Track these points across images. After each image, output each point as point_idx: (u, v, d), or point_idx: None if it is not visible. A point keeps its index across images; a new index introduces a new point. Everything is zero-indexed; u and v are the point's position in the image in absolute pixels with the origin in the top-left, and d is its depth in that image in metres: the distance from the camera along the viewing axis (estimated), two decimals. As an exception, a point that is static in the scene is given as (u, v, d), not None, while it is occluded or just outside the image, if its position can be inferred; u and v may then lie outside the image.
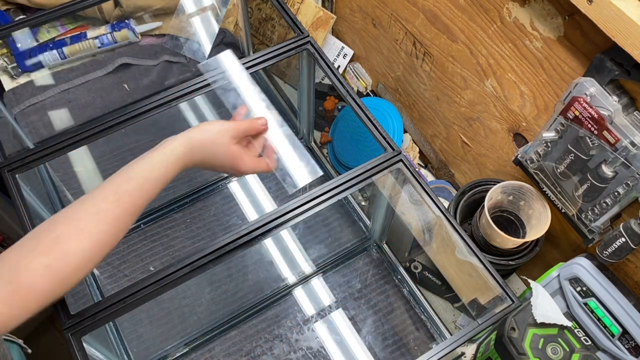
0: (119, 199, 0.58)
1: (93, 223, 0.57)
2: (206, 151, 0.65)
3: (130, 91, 1.22)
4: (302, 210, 0.74)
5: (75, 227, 0.56)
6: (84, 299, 1.02)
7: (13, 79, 1.23)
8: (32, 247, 0.55)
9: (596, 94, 0.68)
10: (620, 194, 0.70)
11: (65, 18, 1.27)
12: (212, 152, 0.66)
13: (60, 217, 0.58)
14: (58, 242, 0.55)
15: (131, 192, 0.59)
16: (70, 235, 0.56)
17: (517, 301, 0.70)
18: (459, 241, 0.75)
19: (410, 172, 0.79)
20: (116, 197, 0.58)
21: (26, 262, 0.54)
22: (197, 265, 0.70)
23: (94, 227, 0.57)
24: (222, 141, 0.66)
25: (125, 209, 0.59)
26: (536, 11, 0.75)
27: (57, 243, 0.55)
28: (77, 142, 0.80)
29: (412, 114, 1.18)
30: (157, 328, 1.02)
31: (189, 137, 0.65)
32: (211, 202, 1.15)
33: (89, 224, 0.57)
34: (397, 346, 1.00)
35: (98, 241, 0.57)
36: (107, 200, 0.58)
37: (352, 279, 1.07)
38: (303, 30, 0.91)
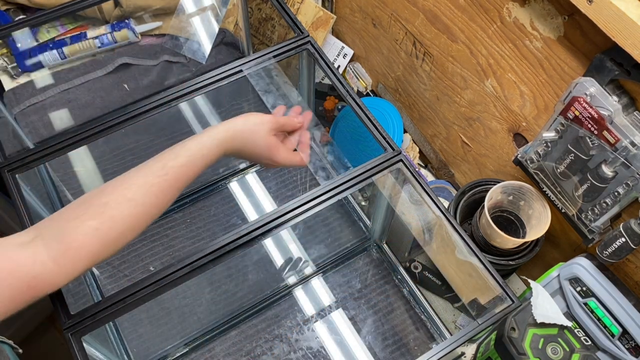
0: (166, 174, 0.62)
1: (140, 193, 0.60)
2: (246, 139, 0.70)
3: (130, 91, 1.22)
4: (302, 210, 0.74)
5: (124, 195, 0.60)
6: (84, 299, 1.02)
7: (13, 79, 1.23)
8: (81, 211, 0.58)
9: (596, 94, 0.68)
10: (620, 194, 0.70)
11: (65, 18, 1.28)
12: (252, 140, 0.70)
13: (109, 187, 0.61)
14: (107, 208, 0.58)
15: (177, 169, 0.63)
16: (118, 203, 0.59)
17: (517, 301, 0.70)
18: (459, 241, 0.75)
19: (410, 172, 0.79)
20: (164, 172, 0.62)
21: (76, 224, 0.57)
22: (197, 265, 0.70)
23: (140, 197, 0.60)
24: (262, 131, 0.70)
25: (170, 184, 0.62)
26: (536, 11, 0.75)
27: (106, 209, 0.58)
28: (77, 142, 0.80)
29: (412, 114, 1.18)
30: (157, 328, 1.02)
31: (232, 125, 0.69)
32: (211, 202, 1.15)
33: (137, 194, 0.60)
34: (397, 346, 1.00)
35: (143, 210, 0.61)
36: (155, 174, 0.62)
37: (352, 279, 1.07)
38: (303, 30, 0.91)
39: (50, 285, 0.56)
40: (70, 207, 0.60)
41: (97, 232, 0.57)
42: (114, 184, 0.61)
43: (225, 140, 0.68)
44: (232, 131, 0.69)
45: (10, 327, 1.58)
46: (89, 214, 0.58)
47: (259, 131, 0.71)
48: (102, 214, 0.58)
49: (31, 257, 0.55)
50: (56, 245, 0.56)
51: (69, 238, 0.56)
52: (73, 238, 0.56)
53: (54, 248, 0.56)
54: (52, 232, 0.57)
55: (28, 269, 0.54)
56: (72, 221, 0.58)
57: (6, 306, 0.53)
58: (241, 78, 0.87)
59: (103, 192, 0.60)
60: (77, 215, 0.58)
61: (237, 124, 0.70)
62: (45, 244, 0.56)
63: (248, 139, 0.70)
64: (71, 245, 0.56)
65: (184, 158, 0.64)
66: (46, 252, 0.55)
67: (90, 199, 0.60)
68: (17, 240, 0.56)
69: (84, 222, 0.57)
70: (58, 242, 0.56)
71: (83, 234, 0.57)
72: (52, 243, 0.56)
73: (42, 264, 0.55)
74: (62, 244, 0.56)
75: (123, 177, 0.62)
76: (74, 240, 0.57)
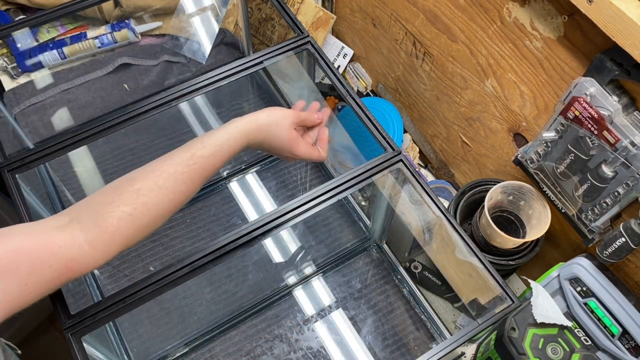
0: (194, 163, 0.65)
1: (171, 181, 0.63)
2: (269, 132, 0.72)
3: (130, 91, 1.22)
4: (302, 210, 0.74)
5: (155, 183, 0.62)
6: (84, 299, 1.02)
7: (13, 79, 1.23)
8: (115, 197, 0.61)
9: (596, 94, 0.68)
10: (620, 194, 0.70)
11: (65, 18, 1.28)
12: (275, 133, 0.73)
13: (140, 174, 0.63)
14: (139, 195, 0.61)
15: (205, 158, 0.66)
16: (150, 190, 0.62)
17: (517, 301, 0.70)
18: (459, 241, 0.75)
19: (410, 172, 0.79)
20: (192, 161, 0.65)
21: (111, 208, 0.59)
22: (197, 265, 0.70)
23: (171, 185, 0.63)
24: (284, 125, 0.73)
25: (198, 173, 0.66)
26: (536, 11, 0.75)
27: (139, 195, 0.61)
28: (77, 142, 0.80)
29: (412, 114, 1.18)
30: (157, 328, 1.02)
31: (256, 118, 0.72)
32: (211, 202, 1.15)
33: (167, 182, 0.63)
34: (397, 346, 1.00)
35: (173, 198, 0.64)
36: (184, 163, 0.64)
37: (352, 279, 1.07)
38: (303, 30, 0.91)
39: (86, 267, 0.58)
40: (103, 193, 0.62)
41: (131, 217, 0.60)
42: (145, 172, 0.64)
43: (249, 132, 0.70)
44: (257, 124, 0.71)
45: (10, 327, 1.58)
46: (122, 199, 0.60)
47: (281, 124, 0.73)
48: (135, 200, 0.60)
49: (70, 240, 0.56)
50: (93, 229, 0.58)
51: (105, 223, 0.58)
52: (109, 222, 0.59)
53: (91, 231, 0.58)
54: (87, 216, 0.59)
55: (67, 252, 0.56)
56: (107, 206, 0.60)
57: (45, 287, 0.55)
58: (241, 78, 0.87)
59: (135, 179, 0.63)
60: (111, 200, 0.60)
61: (261, 117, 0.72)
62: (81, 228, 0.58)
63: (271, 131, 0.72)
64: (107, 230, 0.58)
65: (211, 148, 0.67)
66: (83, 235, 0.57)
67: (122, 186, 0.62)
68: (54, 224, 0.58)
69: (119, 208, 0.59)
70: (94, 225, 0.58)
71: (117, 218, 0.59)
72: (89, 227, 0.58)
73: (79, 247, 0.57)
74: (98, 228, 0.58)
75: (153, 165, 0.65)
76: (110, 225, 0.59)
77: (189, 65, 1.26)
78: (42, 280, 0.54)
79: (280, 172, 1.20)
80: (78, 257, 0.57)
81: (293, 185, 1.19)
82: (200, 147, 0.66)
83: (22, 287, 0.52)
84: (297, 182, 1.19)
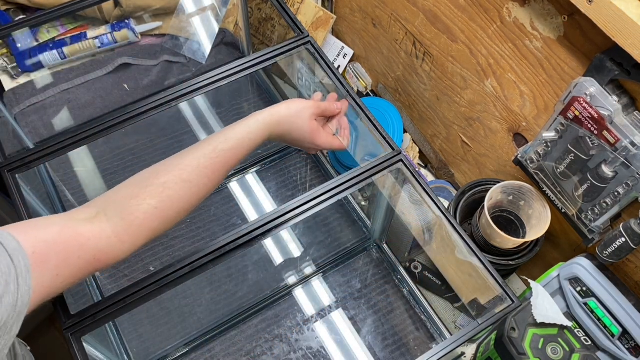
0: (217, 156, 0.66)
1: (195, 175, 0.65)
2: (289, 124, 0.73)
3: (130, 91, 1.22)
4: (302, 210, 0.74)
5: (180, 176, 0.64)
6: (84, 299, 1.02)
7: (13, 79, 1.23)
8: (140, 191, 0.62)
9: (596, 94, 0.68)
10: (620, 194, 0.70)
11: (65, 18, 1.28)
12: (296, 125, 0.74)
13: (163, 168, 0.65)
14: (164, 188, 0.63)
15: (227, 152, 0.67)
16: (175, 183, 0.63)
17: (517, 301, 0.70)
18: (459, 241, 0.75)
19: (410, 172, 0.79)
20: (215, 154, 0.66)
21: (137, 202, 0.61)
22: (197, 265, 0.70)
23: (195, 179, 0.65)
24: (304, 116, 0.74)
25: (221, 166, 0.67)
26: (536, 11, 0.75)
27: (164, 189, 0.63)
28: (77, 142, 0.80)
29: (412, 114, 1.18)
30: (157, 328, 1.02)
31: (277, 111, 0.73)
32: (211, 202, 1.15)
33: (191, 175, 0.64)
34: (397, 346, 1.00)
35: (197, 191, 0.65)
36: (207, 157, 0.66)
37: (352, 279, 1.07)
38: (303, 30, 0.91)
39: (113, 258, 0.60)
40: (127, 186, 0.64)
41: (157, 210, 0.62)
42: (169, 165, 0.65)
43: (271, 124, 0.72)
44: (277, 116, 0.72)
45: (10, 327, 1.58)
46: (148, 193, 0.62)
47: (302, 116, 0.74)
48: (160, 193, 0.62)
49: (98, 232, 0.58)
50: (119, 222, 0.60)
51: (131, 216, 0.60)
52: (135, 216, 0.60)
53: (118, 224, 0.60)
54: (114, 209, 0.61)
55: (95, 243, 0.58)
56: (132, 199, 0.61)
57: (74, 276, 0.56)
58: (241, 78, 0.87)
59: (159, 172, 0.64)
60: (137, 194, 0.62)
61: (281, 109, 0.73)
62: (108, 220, 0.60)
63: (293, 123, 0.73)
64: (133, 223, 0.60)
65: (233, 141, 0.68)
66: (110, 228, 0.59)
67: (147, 179, 0.64)
68: (81, 216, 0.59)
69: (145, 201, 0.61)
70: (121, 219, 0.60)
71: (144, 212, 0.61)
72: (116, 219, 0.60)
73: (107, 239, 0.59)
74: (125, 221, 0.60)
75: (177, 159, 0.66)
76: (136, 218, 0.60)
77: (189, 65, 1.26)
78: (72, 270, 0.56)
79: (280, 172, 1.20)
80: (106, 249, 0.59)
81: (293, 185, 1.19)
82: (222, 140, 0.68)
83: (53, 277, 0.53)
84: (297, 182, 1.19)
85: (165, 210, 0.62)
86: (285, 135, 0.74)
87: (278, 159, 1.22)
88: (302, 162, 1.22)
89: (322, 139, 0.76)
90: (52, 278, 0.53)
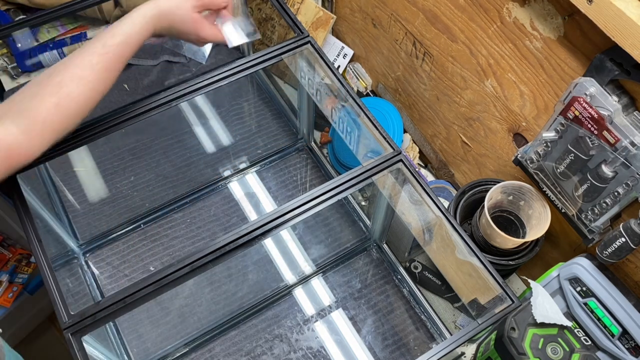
0: (107, 52, 0.69)
1: (87, 72, 0.68)
2: (172, 15, 0.75)
3: (130, 91, 1.22)
4: (302, 210, 0.74)
5: (73, 74, 0.67)
6: (84, 299, 1.02)
7: (13, 79, 1.23)
8: (38, 91, 0.66)
9: (596, 94, 0.68)
10: (620, 194, 0.70)
11: (65, 18, 1.28)
12: (178, 16, 0.76)
13: (58, 67, 0.68)
14: (61, 86, 0.66)
15: (116, 47, 0.70)
16: (70, 81, 0.67)
17: (517, 301, 0.71)
18: (459, 241, 0.75)
19: (410, 172, 0.79)
20: (105, 50, 0.69)
21: (37, 101, 0.65)
22: (197, 265, 0.70)
23: (88, 74, 0.68)
24: (186, 6, 0.76)
25: (113, 61, 0.70)
26: (536, 11, 0.75)
27: (61, 87, 0.66)
28: (77, 142, 0.80)
29: (412, 114, 1.18)
30: (157, 328, 1.02)
31: (158, 4, 0.75)
32: (211, 202, 1.15)
33: (85, 72, 0.68)
34: (397, 346, 1.00)
35: (93, 87, 0.69)
36: (97, 53, 0.69)
37: (352, 279, 1.07)
38: (303, 30, 0.91)
39: (25, 155, 0.65)
40: (26, 88, 0.67)
41: (58, 107, 0.65)
42: (63, 65, 0.68)
43: (153, 17, 0.74)
44: (158, 9, 0.74)
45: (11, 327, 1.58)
46: (47, 92, 0.66)
47: (183, 7, 0.76)
48: (58, 91, 0.66)
49: (4, 133, 0.62)
50: (24, 121, 0.64)
51: (33, 113, 0.64)
52: (37, 112, 0.64)
53: (23, 123, 0.64)
54: (17, 111, 0.64)
55: (3, 142, 0.62)
56: (33, 99, 0.65)
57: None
58: (241, 78, 0.87)
59: (53, 73, 0.67)
60: (36, 93, 0.66)
61: (161, 2, 0.75)
62: (13, 121, 0.63)
63: (174, 14, 0.75)
64: (36, 120, 0.64)
65: (120, 37, 0.71)
66: (16, 127, 0.63)
67: (44, 80, 0.67)
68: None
69: (44, 99, 0.65)
70: (24, 117, 0.64)
71: (46, 109, 0.65)
72: (20, 120, 0.64)
73: (14, 137, 0.63)
74: (28, 119, 0.64)
75: (69, 59, 0.69)
76: (39, 114, 0.64)
77: (189, 65, 1.26)
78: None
79: (280, 172, 1.20)
80: (15, 147, 0.63)
81: (293, 185, 1.19)
82: (109, 36, 0.70)
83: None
84: (297, 182, 1.19)
85: (65, 107, 0.66)
86: (170, 28, 0.76)
87: (278, 159, 1.22)
88: (302, 162, 1.22)
89: (205, 31, 0.78)
90: None
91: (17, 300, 1.58)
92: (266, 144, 1.23)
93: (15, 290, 1.58)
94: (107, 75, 0.70)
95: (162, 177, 1.17)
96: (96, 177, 1.17)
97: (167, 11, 0.75)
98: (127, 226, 1.11)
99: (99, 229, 1.10)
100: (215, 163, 1.20)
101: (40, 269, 0.72)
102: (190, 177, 1.17)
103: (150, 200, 1.13)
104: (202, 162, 1.20)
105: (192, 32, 0.78)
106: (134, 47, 0.72)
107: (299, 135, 1.23)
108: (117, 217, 1.11)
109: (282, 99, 1.28)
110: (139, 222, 1.11)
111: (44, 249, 0.73)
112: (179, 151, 1.21)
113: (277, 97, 1.29)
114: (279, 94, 1.29)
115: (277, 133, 1.25)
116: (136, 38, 0.72)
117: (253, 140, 1.23)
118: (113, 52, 0.70)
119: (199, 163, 1.20)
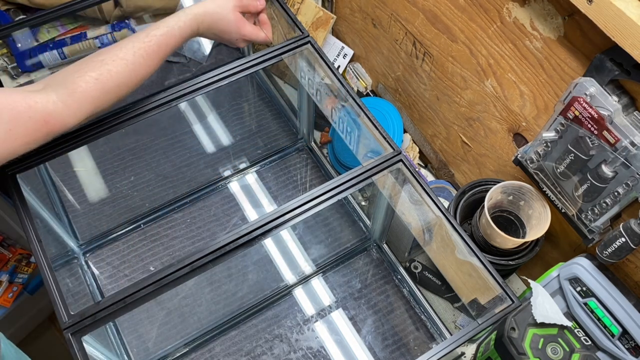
0: (149, 40, 0.75)
1: (130, 54, 0.73)
2: (215, 14, 0.82)
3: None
4: (302, 210, 0.74)
5: (116, 54, 0.72)
6: (84, 299, 1.02)
7: (13, 79, 1.23)
8: (81, 67, 0.71)
9: (596, 94, 0.68)
10: (620, 194, 0.70)
11: (65, 18, 1.27)
12: (221, 15, 0.82)
13: (102, 51, 0.73)
14: (103, 64, 0.71)
15: (158, 37, 0.76)
16: (113, 60, 0.72)
17: (517, 301, 0.71)
18: (459, 241, 0.75)
19: (410, 172, 0.79)
20: (148, 39, 0.75)
21: (78, 74, 0.69)
22: (197, 265, 0.70)
23: (130, 57, 0.73)
24: (228, 7, 0.82)
25: (154, 49, 0.75)
26: (536, 11, 0.75)
27: (103, 64, 0.71)
28: (77, 142, 0.80)
29: (412, 114, 1.18)
30: (157, 328, 1.02)
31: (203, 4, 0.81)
32: (211, 202, 1.15)
33: (127, 54, 0.73)
34: (397, 346, 1.00)
35: (133, 69, 0.73)
36: (140, 40, 0.75)
37: (352, 279, 1.07)
38: (303, 30, 0.91)
39: (63, 122, 0.67)
40: (71, 66, 0.72)
41: (97, 81, 0.70)
42: (108, 48, 0.74)
43: (197, 15, 0.80)
44: (204, 9, 0.80)
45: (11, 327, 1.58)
46: (88, 67, 0.70)
47: (226, 7, 0.82)
48: (100, 67, 0.70)
49: (45, 98, 0.65)
50: (64, 91, 0.67)
51: (74, 85, 0.68)
52: (77, 84, 0.68)
53: (62, 93, 0.67)
54: (59, 82, 0.69)
55: (43, 106, 0.65)
56: (74, 73, 0.70)
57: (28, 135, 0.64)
58: (241, 78, 0.87)
59: (100, 53, 0.73)
60: (79, 69, 0.70)
61: (208, 3, 0.82)
62: (54, 90, 0.67)
63: (218, 13, 0.81)
64: (76, 90, 0.68)
65: (164, 29, 0.77)
66: (56, 95, 0.67)
67: (88, 59, 0.72)
68: (29, 89, 0.67)
69: (86, 74, 0.69)
70: (65, 88, 0.68)
71: (85, 81, 0.69)
72: (60, 89, 0.67)
73: (53, 103, 0.66)
74: (68, 89, 0.68)
75: (115, 44, 0.74)
76: (79, 86, 0.68)
77: (189, 65, 1.26)
78: (25, 129, 0.63)
79: (280, 172, 1.20)
80: (54, 112, 0.66)
81: (293, 185, 1.19)
82: (154, 27, 0.76)
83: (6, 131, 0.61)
84: (297, 182, 1.19)
85: (104, 82, 0.70)
86: (212, 27, 0.82)
87: (278, 159, 1.22)
88: (302, 162, 1.22)
89: (247, 29, 0.84)
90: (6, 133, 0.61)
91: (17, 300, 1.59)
92: (266, 144, 1.23)
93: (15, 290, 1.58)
94: (147, 62, 0.74)
95: (162, 177, 1.17)
96: (96, 177, 1.17)
97: (212, 11, 0.81)
98: (127, 226, 1.11)
99: (99, 229, 1.10)
100: (215, 163, 1.20)
101: (40, 269, 0.72)
102: (190, 177, 1.17)
103: (150, 200, 1.14)
104: (202, 162, 1.20)
105: (234, 30, 0.83)
106: (177, 39, 0.78)
107: (299, 135, 1.23)
108: (117, 217, 1.11)
109: (282, 99, 1.28)
110: (139, 222, 1.12)
111: (44, 249, 0.73)
112: (179, 151, 1.21)
113: (277, 97, 1.29)
114: (279, 94, 1.29)
115: (277, 133, 1.25)
116: (179, 32, 0.78)
117: (253, 140, 1.23)
118: (155, 41, 0.75)
119: (199, 163, 1.20)
